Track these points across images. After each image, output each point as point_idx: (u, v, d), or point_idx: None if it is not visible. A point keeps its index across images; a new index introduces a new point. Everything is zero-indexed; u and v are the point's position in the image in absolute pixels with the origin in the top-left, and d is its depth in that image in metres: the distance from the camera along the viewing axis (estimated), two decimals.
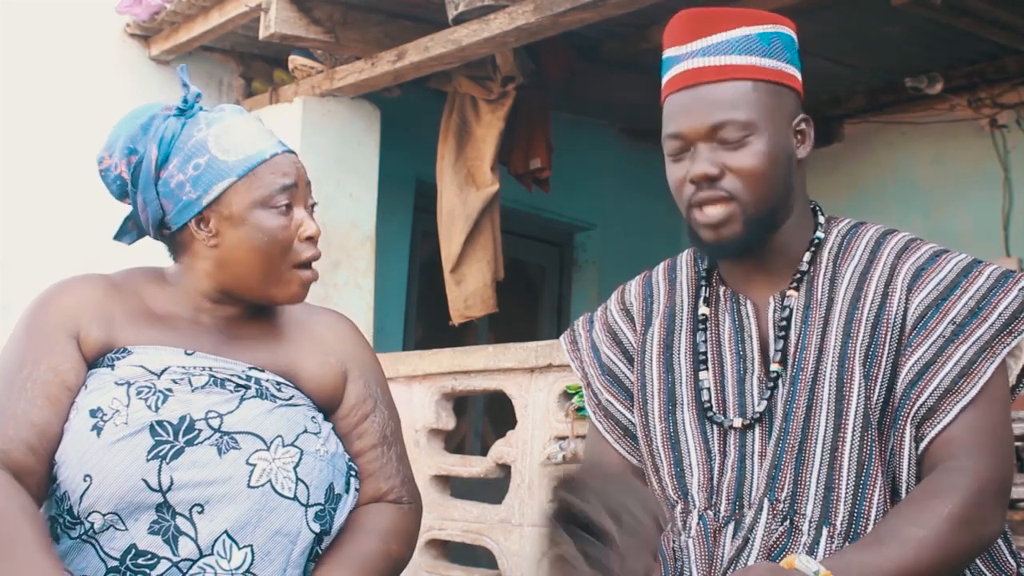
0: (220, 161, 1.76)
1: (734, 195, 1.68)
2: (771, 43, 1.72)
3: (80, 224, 4.61)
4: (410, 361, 3.95)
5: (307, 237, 1.79)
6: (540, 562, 1.47)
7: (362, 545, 1.79)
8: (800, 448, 1.65)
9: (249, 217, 1.76)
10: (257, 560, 1.69)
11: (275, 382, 1.81)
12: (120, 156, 1.81)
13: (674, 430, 1.76)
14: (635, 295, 1.91)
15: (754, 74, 1.70)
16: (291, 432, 1.76)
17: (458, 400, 3.99)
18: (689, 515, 1.71)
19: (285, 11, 4.26)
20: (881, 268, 1.71)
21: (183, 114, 1.81)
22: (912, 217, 5.39)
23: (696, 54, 1.71)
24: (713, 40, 1.71)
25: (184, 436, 1.69)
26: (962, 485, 1.57)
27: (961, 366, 1.63)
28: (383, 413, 1.91)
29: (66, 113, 4.68)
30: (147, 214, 1.81)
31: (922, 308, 1.67)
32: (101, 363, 1.76)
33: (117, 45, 4.90)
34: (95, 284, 1.82)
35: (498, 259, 4.77)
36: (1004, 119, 5.36)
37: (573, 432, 3.39)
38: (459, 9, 3.95)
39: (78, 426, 1.70)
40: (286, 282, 1.80)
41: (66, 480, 1.69)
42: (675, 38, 1.75)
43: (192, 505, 1.67)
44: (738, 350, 1.75)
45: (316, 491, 1.76)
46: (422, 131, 5.06)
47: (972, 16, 4.33)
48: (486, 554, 3.70)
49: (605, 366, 1.89)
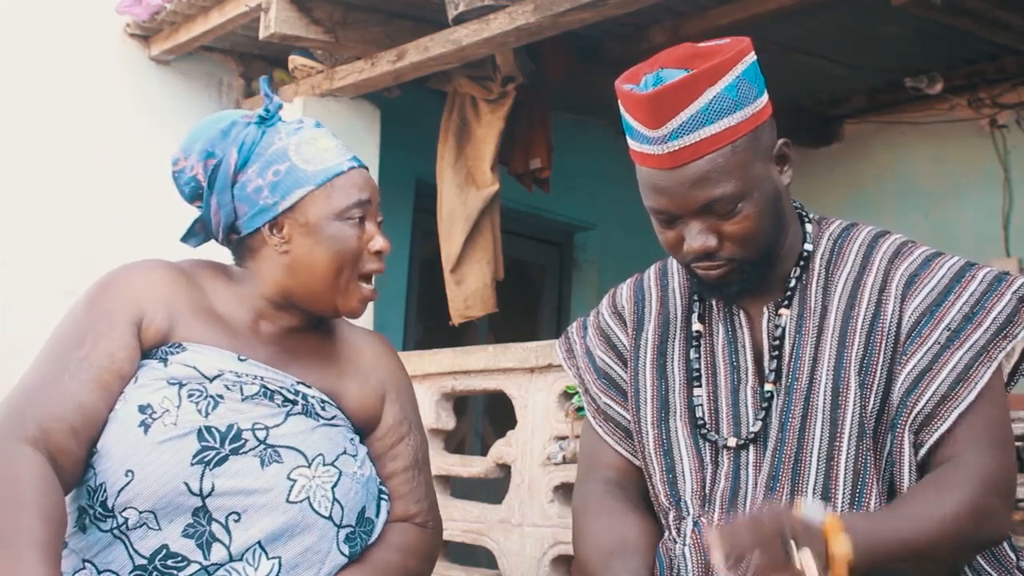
0: (300, 169, 1.80)
1: (734, 258, 1.68)
2: (738, 91, 1.62)
3: (81, 224, 4.61)
4: (410, 361, 3.93)
5: (376, 251, 1.83)
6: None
7: (383, 557, 1.81)
8: (796, 459, 1.65)
9: (325, 226, 1.79)
10: (283, 573, 1.70)
11: (320, 400, 1.82)
12: (198, 159, 1.83)
13: (667, 437, 1.76)
14: (626, 299, 1.91)
15: (731, 137, 1.61)
16: (332, 452, 1.77)
17: (458, 400, 3.99)
18: (683, 522, 1.71)
19: (285, 11, 4.26)
20: (874, 275, 1.70)
21: (264, 122, 1.84)
22: (912, 217, 5.39)
23: (668, 138, 1.62)
24: (682, 118, 1.61)
25: (230, 444, 1.70)
26: (970, 477, 1.57)
27: (957, 372, 1.62)
28: (416, 437, 1.94)
29: (66, 113, 4.68)
30: (219, 217, 1.82)
31: (916, 315, 1.66)
32: (154, 355, 1.76)
33: (117, 45, 4.90)
34: (163, 270, 1.82)
35: (498, 259, 4.77)
36: (1004, 119, 5.36)
37: (573, 432, 3.39)
38: (459, 9, 3.95)
39: (125, 419, 1.69)
40: (350, 293, 1.82)
41: (105, 471, 1.68)
42: (643, 118, 1.65)
43: (229, 513, 1.68)
44: (732, 362, 1.75)
45: (350, 513, 1.77)
46: (422, 131, 5.06)
47: (972, 16, 4.34)
48: (486, 554, 3.70)
49: (601, 370, 1.89)
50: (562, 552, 3.37)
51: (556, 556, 3.38)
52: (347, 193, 1.81)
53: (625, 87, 1.67)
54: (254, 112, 1.86)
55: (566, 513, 3.40)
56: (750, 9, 4.29)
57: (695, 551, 1.66)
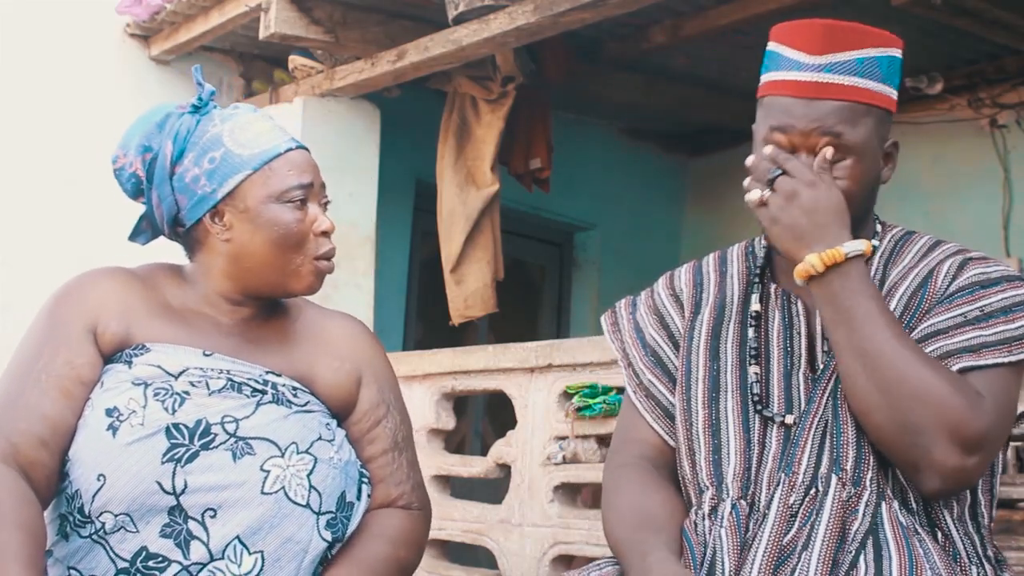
0: (235, 155, 1.78)
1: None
2: (889, 68, 1.76)
3: (81, 224, 4.61)
4: (410, 361, 3.95)
5: (322, 232, 1.80)
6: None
7: (371, 549, 1.79)
8: (837, 443, 1.66)
9: (263, 210, 1.77)
10: (267, 566, 1.69)
11: (291, 387, 1.81)
12: (135, 154, 1.83)
13: (716, 417, 1.76)
14: (685, 282, 1.92)
15: (870, 99, 1.73)
16: (305, 439, 1.76)
17: (458, 400, 3.99)
18: (722, 503, 1.71)
19: (285, 11, 4.26)
20: (933, 279, 1.72)
21: (197, 111, 1.83)
22: (912, 217, 5.37)
23: (824, 68, 1.71)
24: (842, 57, 1.71)
25: (200, 440, 1.69)
26: (983, 402, 1.58)
27: (970, 345, 1.63)
28: (395, 419, 1.92)
29: (66, 113, 4.68)
30: (162, 210, 1.81)
31: (956, 287, 1.68)
32: (118, 359, 1.76)
33: (117, 45, 4.91)
34: (116, 277, 1.82)
35: (498, 259, 4.77)
36: (1004, 119, 5.36)
37: (573, 432, 3.39)
38: (459, 9, 3.95)
39: (93, 424, 1.70)
40: (304, 274, 1.80)
41: (78, 478, 1.68)
42: (806, 45, 1.73)
43: (205, 509, 1.67)
44: (786, 346, 1.76)
45: (328, 499, 1.76)
46: (422, 131, 5.06)
47: (972, 16, 4.34)
48: (486, 554, 3.70)
49: (649, 347, 1.90)
50: (562, 552, 3.37)
51: (556, 556, 3.38)
52: (285, 175, 1.78)
53: (789, 23, 1.78)
54: (188, 103, 1.84)
55: (566, 513, 3.41)
56: (750, 9, 4.29)
57: (731, 533, 1.66)
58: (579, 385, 3.38)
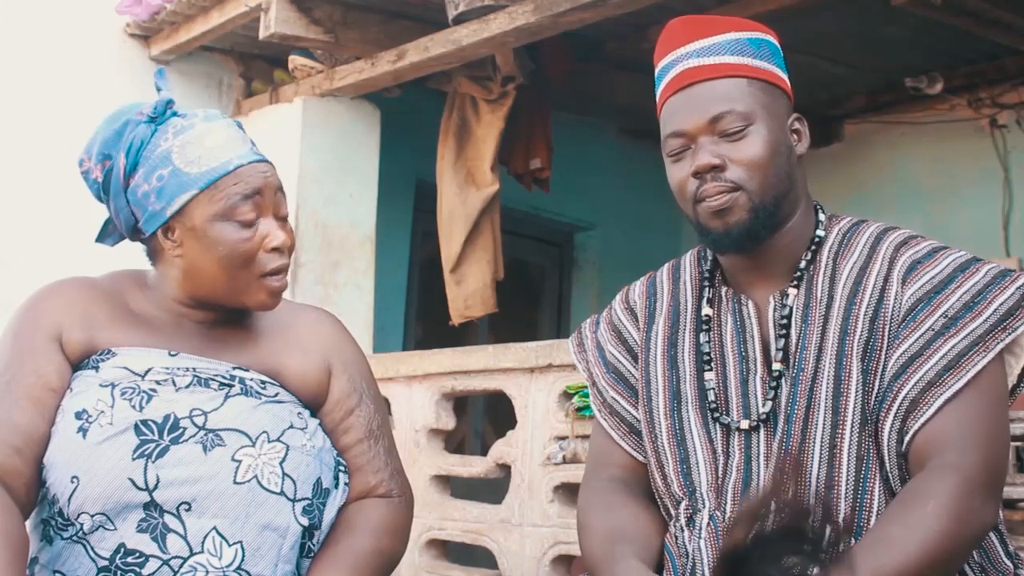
0: (183, 173, 1.75)
1: (739, 184, 1.69)
2: (761, 48, 1.76)
3: (80, 224, 4.60)
4: (410, 361, 3.95)
5: (273, 248, 1.77)
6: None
7: (353, 543, 1.79)
8: (800, 449, 1.65)
9: (209, 230, 1.75)
10: (248, 556, 1.70)
11: (259, 380, 1.81)
12: (95, 161, 1.83)
13: (679, 427, 1.76)
14: (639, 294, 1.92)
15: (748, 72, 1.73)
16: (276, 428, 1.77)
17: (458, 400, 3.99)
18: (698, 514, 1.71)
19: (285, 11, 4.26)
20: (880, 263, 1.70)
21: (154, 121, 1.79)
22: (912, 217, 5.38)
23: (691, 55, 1.75)
24: (706, 42, 1.75)
25: (169, 434, 1.70)
26: (948, 482, 1.54)
27: (948, 359, 1.61)
28: (368, 407, 1.91)
29: (66, 113, 4.67)
30: (120, 220, 1.82)
31: (913, 300, 1.66)
32: (85, 365, 1.77)
33: (117, 45, 4.90)
34: (77, 287, 1.84)
35: (498, 259, 4.77)
36: (1004, 119, 5.36)
37: (573, 432, 3.39)
38: (459, 9, 3.95)
39: (64, 428, 1.71)
40: (253, 291, 1.79)
41: (55, 483, 1.70)
42: (669, 43, 1.79)
43: (179, 503, 1.68)
44: (740, 351, 1.75)
45: (303, 486, 1.76)
46: (422, 131, 5.06)
47: (972, 16, 4.34)
48: (486, 554, 3.70)
49: (610, 364, 1.90)
50: (562, 552, 3.37)
51: (556, 556, 3.39)
52: (231, 193, 1.74)
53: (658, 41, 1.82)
54: (149, 106, 1.80)
55: (566, 513, 3.40)
56: (750, 9, 4.28)
57: (711, 545, 1.66)
58: (579, 385, 3.38)
